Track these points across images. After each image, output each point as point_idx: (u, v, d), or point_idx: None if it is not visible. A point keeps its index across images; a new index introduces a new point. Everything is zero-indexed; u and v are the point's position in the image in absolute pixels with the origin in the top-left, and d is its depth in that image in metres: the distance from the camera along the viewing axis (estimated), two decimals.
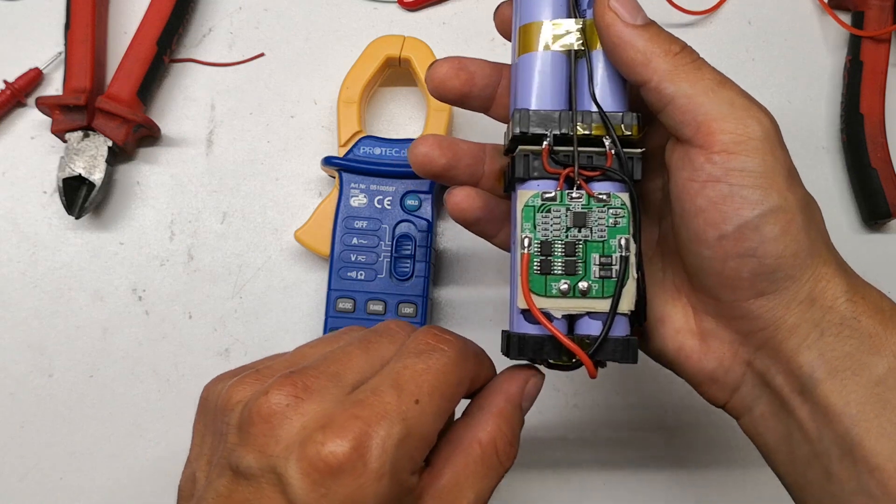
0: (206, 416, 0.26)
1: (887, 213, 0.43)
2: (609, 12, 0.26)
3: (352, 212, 0.41)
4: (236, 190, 0.44)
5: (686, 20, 0.48)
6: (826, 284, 0.26)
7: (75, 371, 0.41)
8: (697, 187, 0.25)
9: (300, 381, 0.23)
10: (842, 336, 0.25)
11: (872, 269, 0.45)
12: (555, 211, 0.27)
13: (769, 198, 0.25)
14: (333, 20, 0.47)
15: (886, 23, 0.46)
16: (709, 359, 0.28)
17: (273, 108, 0.45)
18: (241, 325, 0.42)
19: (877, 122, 0.44)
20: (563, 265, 0.27)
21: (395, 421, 0.22)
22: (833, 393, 0.25)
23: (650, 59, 0.26)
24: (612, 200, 0.27)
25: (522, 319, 0.27)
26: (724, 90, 0.26)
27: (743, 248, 0.25)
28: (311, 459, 0.21)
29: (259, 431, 0.22)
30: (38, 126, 0.44)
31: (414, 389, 0.23)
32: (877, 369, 0.25)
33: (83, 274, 0.43)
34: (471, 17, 0.47)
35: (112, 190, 0.44)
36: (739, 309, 0.26)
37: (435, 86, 0.30)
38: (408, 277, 0.40)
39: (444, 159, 0.30)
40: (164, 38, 0.44)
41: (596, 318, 0.27)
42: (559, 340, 0.26)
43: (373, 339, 0.26)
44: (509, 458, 0.26)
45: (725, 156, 0.25)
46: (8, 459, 0.40)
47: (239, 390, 0.24)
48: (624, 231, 0.27)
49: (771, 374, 0.27)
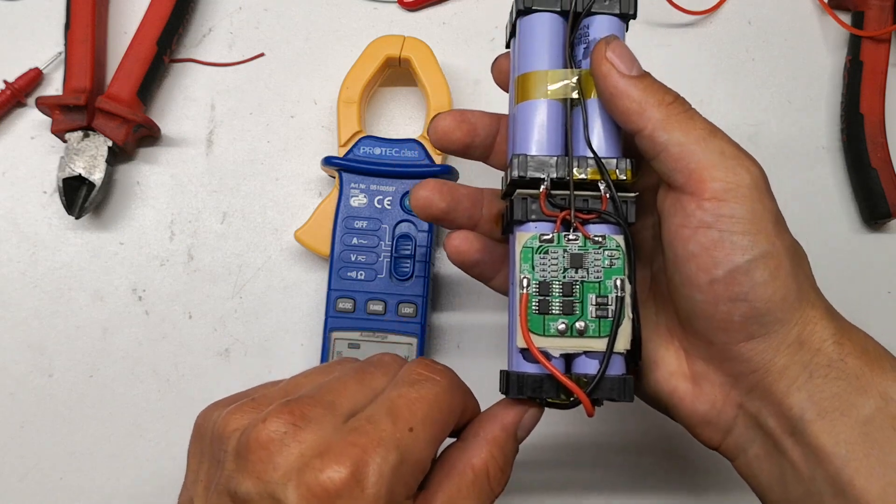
0: (201, 443, 0.26)
1: (887, 213, 0.43)
2: (606, 63, 0.27)
3: (352, 212, 0.41)
4: (236, 190, 0.44)
5: (686, 20, 0.48)
6: (814, 327, 0.27)
7: (75, 371, 0.41)
8: (689, 233, 0.26)
9: (297, 410, 0.24)
10: (830, 377, 0.26)
11: (872, 269, 0.45)
12: (552, 252, 0.28)
13: (759, 244, 0.26)
14: (333, 20, 0.47)
15: (886, 23, 0.46)
16: (701, 401, 0.29)
17: (273, 108, 0.45)
18: (241, 325, 0.42)
19: (877, 122, 0.44)
20: (561, 305, 0.28)
21: (391, 448, 0.23)
22: (823, 433, 0.25)
23: (645, 109, 0.27)
24: (607, 242, 0.28)
25: (521, 358, 0.28)
26: (714, 140, 0.27)
27: (734, 292, 0.26)
28: (310, 485, 0.22)
29: (257, 458, 0.23)
30: (38, 126, 0.44)
31: (408, 417, 0.24)
32: (864, 409, 0.25)
33: (83, 274, 0.43)
34: (471, 17, 0.47)
35: (112, 190, 0.44)
36: (731, 352, 0.27)
37: (438, 137, 0.31)
38: (408, 277, 0.40)
39: (444, 203, 0.31)
40: (164, 38, 0.44)
41: (593, 357, 0.28)
42: (557, 379, 0.27)
43: (366, 370, 0.27)
44: (500, 484, 0.27)
45: (716, 203, 0.26)
46: (8, 459, 0.40)
47: (236, 418, 0.25)
48: (619, 272, 0.28)
49: (763, 416, 0.27)
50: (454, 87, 0.44)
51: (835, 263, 0.44)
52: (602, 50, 0.28)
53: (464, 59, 0.46)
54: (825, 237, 0.45)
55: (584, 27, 0.29)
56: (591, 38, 0.29)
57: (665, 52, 0.47)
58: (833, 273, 0.45)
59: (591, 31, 0.29)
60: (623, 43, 0.28)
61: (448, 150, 0.32)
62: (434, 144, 0.32)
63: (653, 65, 0.47)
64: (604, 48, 0.28)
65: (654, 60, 0.47)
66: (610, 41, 0.28)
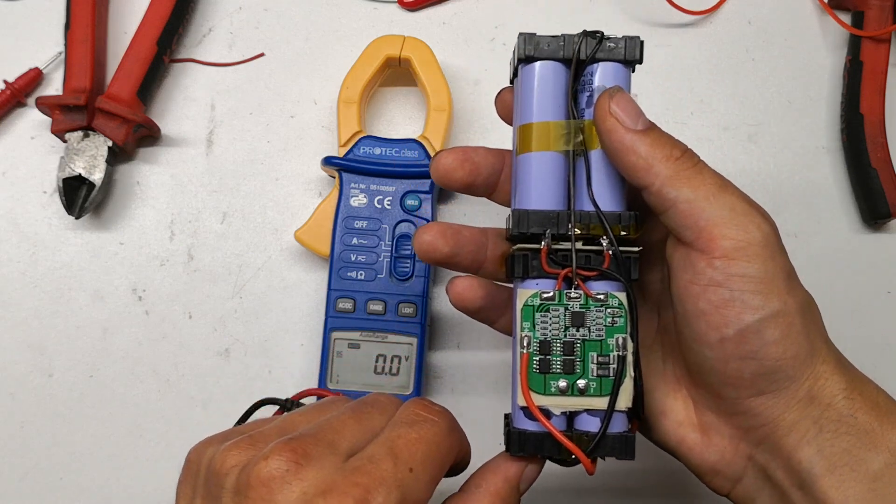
0: (195, 480, 0.26)
1: (887, 213, 0.43)
2: (610, 118, 0.27)
3: (352, 212, 0.41)
4: (236, 190, 0.44)
5: (686, 20, 0.48)
6: (825, 382, 0.26)
7: (75, 371, 0.41)
8: (699, 290, 0.26)
9: (299, 448, 0.23)
10: (839, 433, 0.26)
11: (872, 269, 0.45)
12: (553, 311, 0.28)
13: (770, 303, 0.26)
14: (333, 20, 0.47)
15: (886, 23, 0.46)
16: (710, 451, 0.29)
17: (273, 108, 0.45)
18: (241, 325, 0.42)
19: (877, 122, 0.44)
20: (562, 364, 0.27)
21: (392, 488, 0.23)
22: (832, 489, 0.25)
23: (652, 165, 0.26)
24: (609, 300, 0.28)
25: (523, 416, 0.28)
26: (724, 195, 0.26)
27: (744, 350, 0.26)
28: None
29: (257, 496, 0.22)
30: (38, 126, 0.44)
31: (408, 458, 0.24)
32: (873, 465, 0.25)
33: (83, 274, 0.43)
34: (471, 17, 0.47)
35: (112, 190, 0.44)
36: (740, 406, 0.27)
37: (440, 176, 0.31)
38: (408, 277, 0.40)
39: (447, 248, 0.31)
40: (164, 38, 0.44)
41: (594, 415, 0.28)
42: (558, 439, 0.27)
43: (363, 409, 0.27)
44: None
45: (726, 261, 0.26)
46: (8, 459, 0.40)
47: (234, 454, 0.24)
48: (621, 330, 0.27)
49: (771, 469, 0.27)
50: (454, 87, 0.44)
51: (835, 263, 0.44)
52: (605, 104, 0.27)
53: (464, 59, 0.46)
54: (825, 237, 0.45)
55: (588, 75, 0.28)
56: (595, 86, 0.28)
57: (665, 52, 0.47)
58: (833, 273, 0.45)
59: (595, 79, 0.28)
60: (627, 95, 0.27)
61: (450, 189, 0.31)
62: (436, 182, 0.31)
63: (653, 65, 0.47)
64: (607, 102, 0.27)
65: (654, 60, 0.47)
66: (613, 94, 0.27)
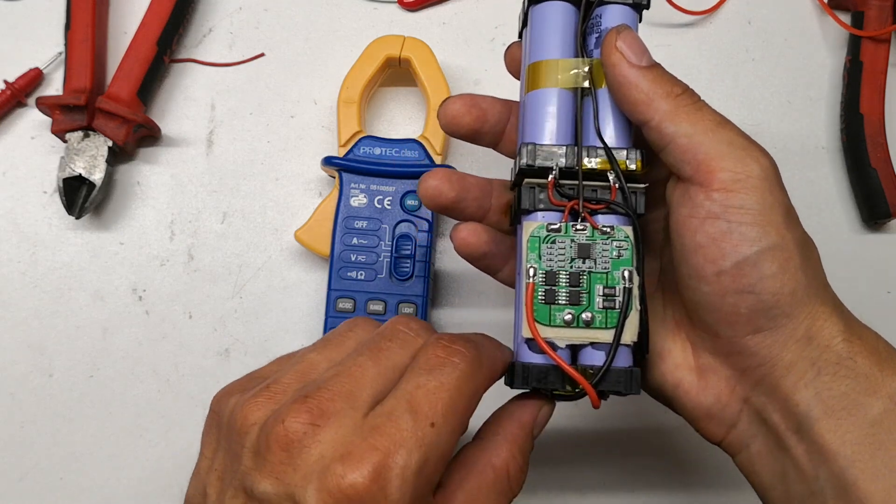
0: (218, 431, 0.26)
1: (887, 213, 0.43)
2: (615, 52, 0.27)
3: (352, 212, 0.41)
4: (236, 190, 0.44)
5: (686, 20, 0.48)
6: (823, 323, 0.26)
7: (75, 371, 0.41)
8: (697, 224, 0.26)
9: (316, 407, 0.23)
10: (838, 376, 0.26)
11: (872, 269, 0.45)
12: (560, 242, 0.28)
13: (767, 235, 0.26)
14: (333, 20, 0.47)
15: (886, 23, 0.46)
16: (706, 394, 0.28)
17: (273, 108, 0.45)
18: (241, 325, 0.42)
19: (877, 122, 0.44)
20: (568, 295, 0.27)
21: (413, 448, 0.22)
22: (829, 432, 0.25)
23: (652, 100, 0.27)
24: (615, 233, 0.28)
25: (526, 349, 0.28)
26: (723, 130, 0.26)
27: (741, 284, 0.26)
28: (331, 490, 0.21)
29: (276, 459, 0.22)
30: (38, 126, 0.44)
31: (429, 412, 0.23)
32: (872, 410, 0.25)
33: (83, 274, 0.43)
34: (471, 17, 0.47)
35: (112, 190, 0.44)
36: (737, 345, 0.27)
37: (447, 121, 0.31)
38: (408, 277, 0.40)
39: (453, 192, 0.31)
40: (164, 38, 0.44)
41: (599, 349, 0.27)
42: (563, 370, 0.26)
43: (382, 345, 0.26)
44: (519, 483, 0.27)
45: (724, 193, 0.26)
46: (8, 459, 0.40)
47: (253, 410, 0.24)
48: (627, 263, 0.27)
49: (768, 412, 0.27)
50: (454, 87, 0.44)
51: (835, 263, 0.44)
52: (612, 39, 0.27)
53: (464, 59, 0.46)
54: (825, 237, 0.45)
55: (597, 16, 0.29)
56: (603, 27, 0.29)
57: (665, 52, 0.47)
58: (833, 273, 0.44)
59: (603, 21, 0.29)
60: (634, 32, 0.28)
61: (456, 135, 0.31)
62: (442, 128, 0.31)
63: None
64: (614, 37, 0.27)
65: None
66: (621, 30, 0.27)
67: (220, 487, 0.24)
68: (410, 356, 0.26)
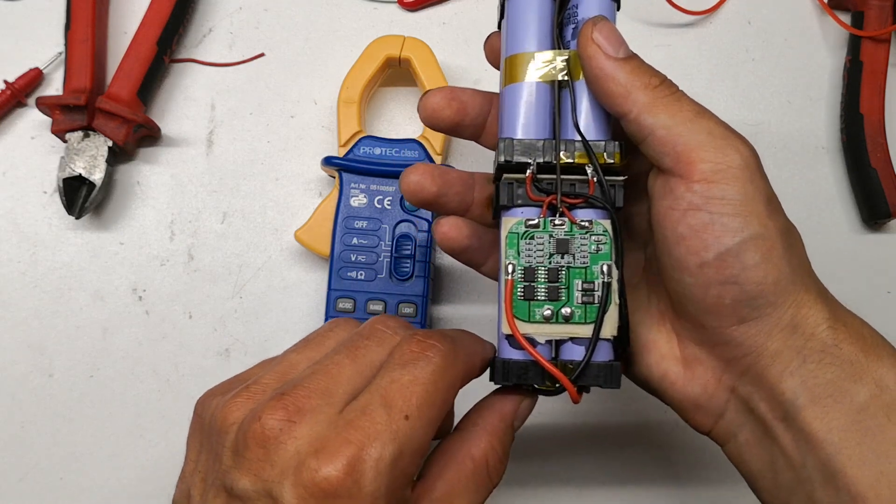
0: (201, 434, 0.26)
1: (887, 213, 0.43)
2: (592, 44, 0.27)
3: (352, 212, 0.41)
4: (236, 190, 0.44)
5: (686, 20, 0.48)
6: (808, 311, 0.26)
7: (75, 371, 0.41)
8: (678, 215, 0.26)
9: (292, 404, 0.23)
10: (823, 363, 0.26)
11: (872, 269, 0.45)
12: (538, 238, 0.28)
13: (749, 225, 0.25)
14: (333, 20, 0.47)
15: (886, 23, 0.46)
16: (693, 385, 0.28)
17: (273, 108, 0.45)
18: (241, 325, 0.42)
19: (877, 122, 0.44)
20: (547, 291, 0.27)
21: (387, 441, 0.22)
22: (815, 420, 0.25)
23: (630, 92, 0.26)
24: (594, 227, 0.27)
25: (507, 345, 0.28)
26: (702, 120, 0.26)
27: (724, 275, 0.26)
28: (307, 484, 0.22)
29: (254, 455, 0.23)
30: (38, 126, 0.44)
31: (402, 405, 0.23)
32: (858, 397, 0.25)
33: (83, 274, 0.43)
34: (471, 17, 0.47)
35: (112, 190, 0.44)
36: (722, 335, 0.27)
37: (427, 115, 0.31)
38: (408, 277, 0.40)
39: (434, 187, 0.31)
40: (165, 38, 0.44)
41: (579, 344, 0.27)
42: (542, 366, 0.26)
43: (360, 344, 0.26)
44: (499, 474, 0.27)
45: (705, 184, 0.25)
46: (8, 459, 0.40)
47: (232, 411, 0.24)
48: (606, 257, 0.27)
49: (754, 401, 0.27)
50: None
51: (835, 263, 0.44)
52: (588, 31, 0.27)
53: (464, 59, 0.46)
54: (825, 237, 0.45)
55: (573, 7, 0.29)
56: (579, 18, 0.28)
57: (665, 52, 0.47)
58: (833, 273, 0.44)
59: (579, 11, 0.28)
60: (611, 23, 0.27)
61: (437, 129, 0.31)
62: (423, 122, 0.31)
63: (653, 65, 0.47)
64: (590, 29, 0.27)
65: (654, 60, 0.47)
66: (597, 22, 0.27)
67: (203, 489, 0.25)
68: (387, 353, 0.26)
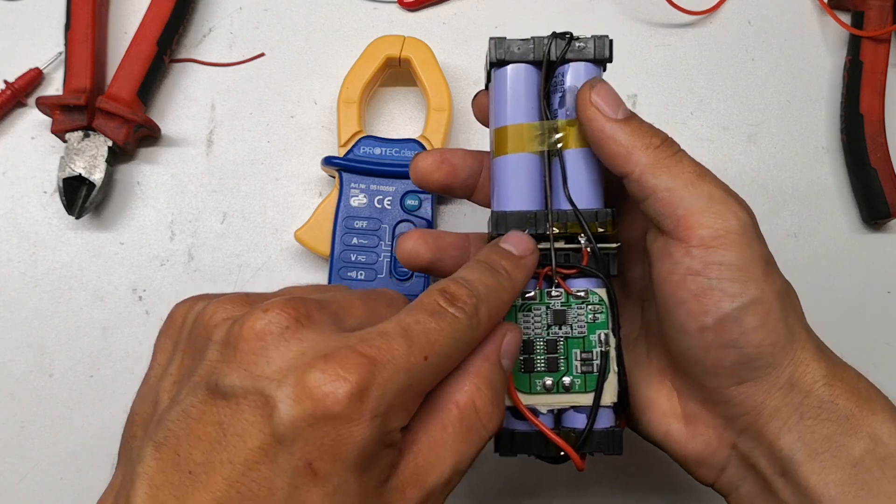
0: (178, 333, 0.24)
1: (887, 213, 0.43)
2: (591, 107, 0.27)
3: (352, 212, 0.41)
4: (236, 190, 0.44)
5: (686, 20, 0.48)
6: (805, 369, 0.27)
7: (75, 371, 0.41)
8: (678, 280, 0.26)
9: (302, 308, 0.22)
10: (820, 419, 0.26)
11: (872, 269, 0.45)
12: (535, 310, 0.28)
13: (748, 290, 0.26)
14: (333, 20, 0.47)
15: (886, 23, 0.46)
16: (695, 442, 0.29)
17: (273, 108, 0.45)
18: None
19: (877, 122, 0.44)
20: (546, 362, 0.28)
21: (401, 369, 0.21)
22: (813, 475, 0.26)
23: (632, 153, 0.27)
24: (589, 297, 0.28)
25: (510, 416, 0.28)
26: (703, 184, 0.27)
27: (724, 339, 0.26)
28: (310, 388, 0.20)
29: (249, 349, 0.21)
30: (38, 126, 0.44)
31: (425, 346, 0.22)
32: (854, 451, 0.26)
33: (83, 274, 0.43)
34: (471, 17, 0.47)
35: (112, 190, 0.44)
36: (722, 395, 0.27)
37: (418, 178, 0.31)
38: (408, 277, 0.40)
39: (429, 254, 0.31)
40: (165, 38, 0.44)
41: (581, 412, 0.28)
42: (546, 435, 0.27)
43: (372, 296, 0.26)
44: (492, 419, 0.25)
45: (704, 250, 0.26)
46: (8, 459, 0.40)
47: (227, 308, 0.23)
48: (603, 326, 0.28)
49: (754, 457, 0.27)
50: (454, 87, 0.44)
51: (835, 263, 0.44)
52: (587, 94, 0.27)
53: (464, 59, 0.46)
54: (825, 237, 0.45)
55: (560, 75, 0.29)
56: (566, 86, 0.28)
57: (665, 52, 0.47)
58: (833, 273, 0.45)
59: (566, 80, 0.29)
60: (608, 85, 0.28)
61: (429, 190, 0.32)
62: (415, 183, 0.32)
63: (653, 65, 0.47)
64: (588, 92, 0.27)
65: (653, 60, 0.47)
66: (594, 84, 0.27)
67: (175, 391, 0.22)
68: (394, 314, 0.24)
